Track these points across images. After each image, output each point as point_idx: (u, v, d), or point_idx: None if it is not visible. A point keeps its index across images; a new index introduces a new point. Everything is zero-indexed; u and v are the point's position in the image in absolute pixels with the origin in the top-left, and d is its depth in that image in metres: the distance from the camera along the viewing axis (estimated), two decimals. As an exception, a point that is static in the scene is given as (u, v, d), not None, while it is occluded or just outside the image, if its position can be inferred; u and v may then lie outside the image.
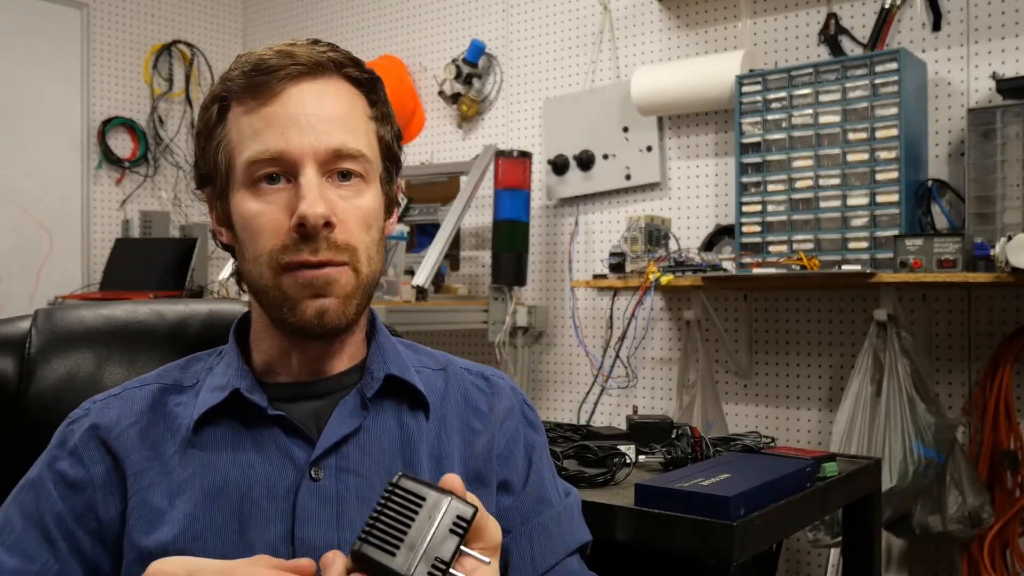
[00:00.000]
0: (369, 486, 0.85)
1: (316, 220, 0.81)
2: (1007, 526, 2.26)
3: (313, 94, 0.85)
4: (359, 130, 0.87)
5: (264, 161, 0.83)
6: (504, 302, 2.99)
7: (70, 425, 0.87)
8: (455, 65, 3.33)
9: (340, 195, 0.85)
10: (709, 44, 2.85)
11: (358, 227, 0.85)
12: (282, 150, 0.83)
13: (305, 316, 0.83)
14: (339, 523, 0.83)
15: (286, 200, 0.83)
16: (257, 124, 0.84)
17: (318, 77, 0.86)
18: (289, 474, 0.84)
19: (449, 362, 0.99)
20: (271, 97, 0.84)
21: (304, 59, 0.85)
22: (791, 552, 2.67)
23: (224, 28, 4.20)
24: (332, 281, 0.83)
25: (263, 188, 0.84)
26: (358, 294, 0.86)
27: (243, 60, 0.86)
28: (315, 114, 0.84)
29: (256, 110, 0.84)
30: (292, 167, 0.83)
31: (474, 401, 0.96)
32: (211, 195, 0.90)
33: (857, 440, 2.24)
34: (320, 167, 0.84)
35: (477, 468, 0.91)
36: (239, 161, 0.85)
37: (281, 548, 0.82)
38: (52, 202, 3.60)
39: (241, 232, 0.86)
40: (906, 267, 2.17)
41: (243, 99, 0.85)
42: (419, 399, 0.91)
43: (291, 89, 0.84)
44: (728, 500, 1.20)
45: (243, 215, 0.85)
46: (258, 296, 0.87)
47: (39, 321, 1.06)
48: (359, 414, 0.87)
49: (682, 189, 2.90)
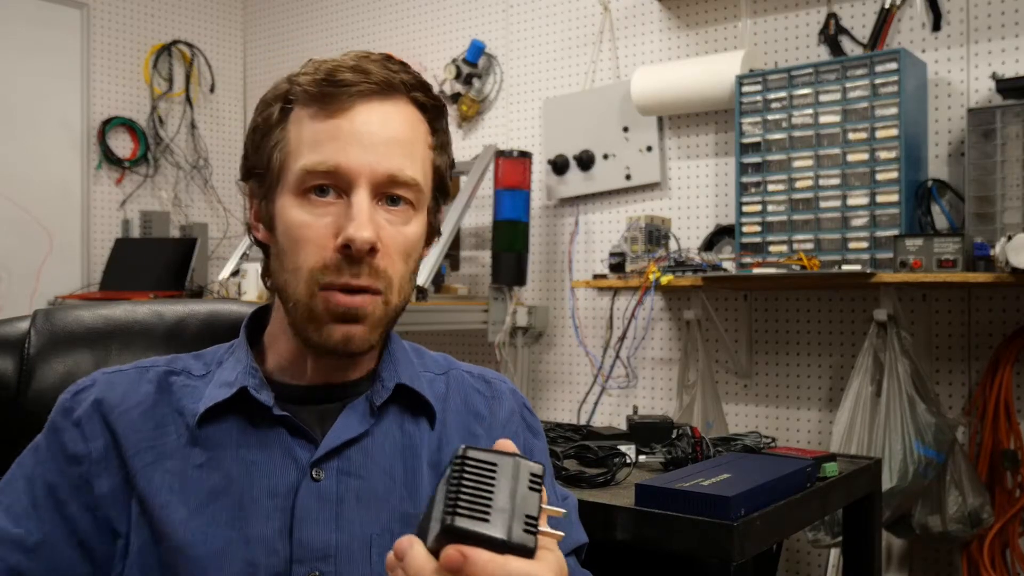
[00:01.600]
0: (370, 489, 0.86)
1: (363, 245, 0.81)
2: (1007, 526, 2.26)
3: (380, 115, 0.85)
4: (417, 157, 0.87)
5: (320, 172, 0.83)
6: (504, 302, 2.99)
7: (77, 395, 0.87)
8: (455, 65, 3.33)
9: (387, 219, 0.84)
10: (709, 44, 2.85)
11: (399, 255, 0.85)
12: (340, 164, 0.82)
13: (332, 340, 0.83)
14: (337, 523, 0.84)
15: (334, 216, 0.83)
16: (320, 134, 0.83)
17: (388, 98, 0.86)
18: (291, 473, 0.84)
19: (451, 366, 0.99)
20: (339, 110, 0.83)
21: (378, 78, 0.85)
22: (791, 552, 2.67)
23: (224, 28, 4.20)
24: (364, 314, 0.84)
25: (312, 199, 0.83)
26: (384, 322, 0.86)
27: (314, 66, 0.85)
28: (379, 135, 0.84)
29: (322, 120, 0.84)
30: (346, 184, 0.83)
31: (475, 405, 0.96)
32: (255, 190, 0.90)
33: (857, 440, 2.24)
34: (373, 189, 0.83)
35: None
36: (294, 166, 0.84)
37: (279, 545, 0.82)
38: (52, 202, 3.60)
39: (282, 237, 0.86)
40: (906, 267, 2.17)
41: (310, 105, 0.85)
42: (425, 407, 0.92)
43: (360, 106, 0.84)
44: (728, 500, 1.20)
45: (288, 223, 0.84)
46: (287, 305, 0.86)
47: (38, 321, 1.06)
48: (366, 420, 0.88)
49: (682, 189, 2.90)
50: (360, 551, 0.84)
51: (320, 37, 3.91)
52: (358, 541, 0.84)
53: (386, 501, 0.86)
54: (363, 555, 0.84)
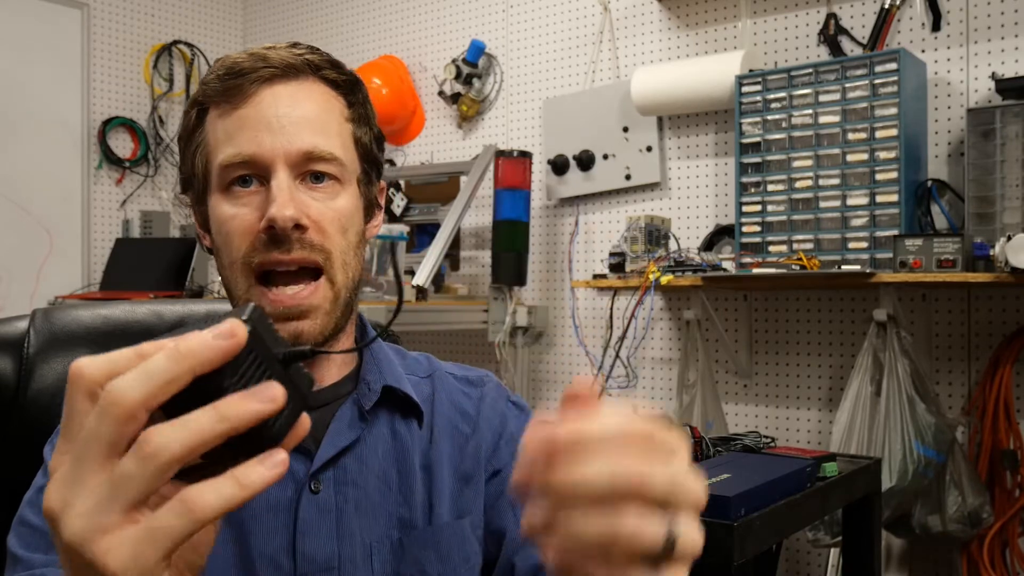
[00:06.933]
0: (366, 496, 0.85)
1: (285, 223, 0.80)
2: (1006, 526, 2.26)
3: (285, 97, 0.84)
4: (332, 132, 0.86)
5: (236, 164, 0.83)
6: (504, 302, 2.99)
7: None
8: (455, 65, 3.33)
9: (314, 197, 0.84)
10: (709, 44, 2.85)
11: (334, 229, 0.84)
12: (253, 153, 0.82)
13: None
14: (339, 533, 0.84)
15: (258, 203, 0.82)
16: (230, 128, 0.84)
17: (291, 80, 0.85)
18: (289, 487, 0.84)
19: (435, 368, 0.99)
20: (244, 100, 0.84)
21: (277, 62, 0.85)
22: (791, 552, 2.67)
23: (224, 28, 4.20)
24: (308, 307, 0.82)
25: (236, 191, 0.83)
26: (336, 309, 0.85)
27: (219, 64, 0.86)
28: (286, 116, 0.83)
29: (230, 113, 0.84)
30: (264, 170, 0.82)
31: (461, 405, 0.96)
32: (192, 198, 0.90)
33: (857, 440, 2.24)
34: (292, 169, 0.83)
35: (466, 470, 0.92)
36: (214, 164, 0.84)
37: (283, 560, 0.82)
38: (52, 202, 3.60)
39: (216, 236, 0.85)
40: (906, 267, 2.17)
41: (218, 103, 0.85)
42: (413, 408, 0.91)
43: (264, 92, 0.84)
44: (728, 500, 1.20)
45: (217, 219, 0.84)
46: (235, 304, 0.86)
47: (37, 321, 1.06)
48: (357, 426, 0.87)
49: (682, 189, 2.90)
50: (362, 559, 0.84)
51: (320, 37, 3.91)
52: (360, 549, 0.84)
53: (383, 507, 0.86)
54: (365, 563, 0.84)
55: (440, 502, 0.89)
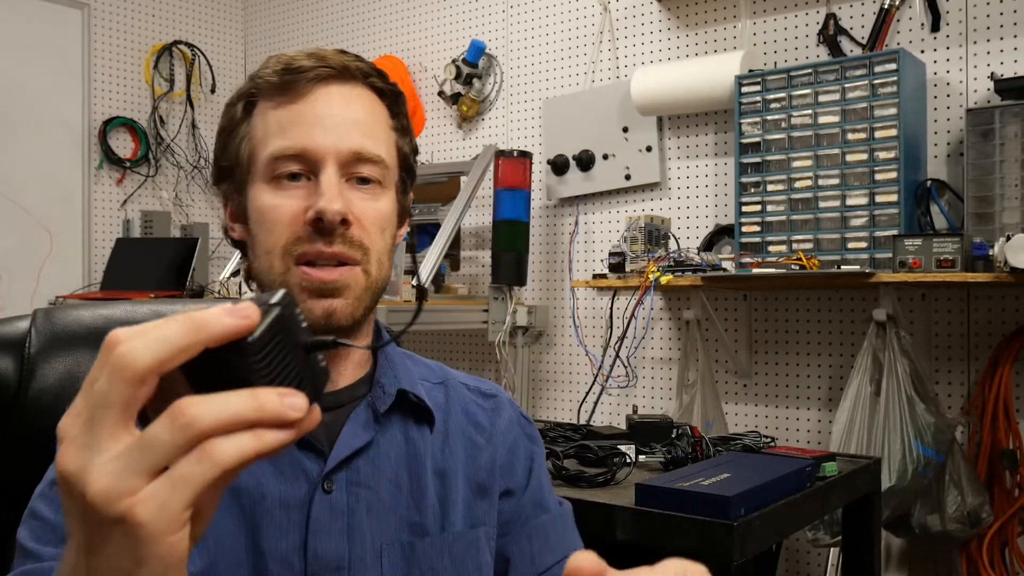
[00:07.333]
0: (378, 499, 0.86)
1: (333, 216, 0.82)
2: (1006, 526, 2.26)
3: (340, 97, 0.87)
4: (380, 137, 0.89)
5: (287, 157, 0.84)
6: (504, 302, 2.99)
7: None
8: (455, 65, 3.33)
9: (358, 196, 0.86)
10: (709, 44, 2.86)
11: (375, 228, 0.87)
12: (306, 146, 0.84)
13: (313, 316, 0.83)
14: (349, 535, 0.84)
15: (304, 195, 0.84)
16: (283, 121, 0.85)
17: (345, 82, 0.88)
18: (302, 486, 0.84)
19: (447, 376, 1.00)
20: (299, 96, 0.86)
21: (335, 63, 0.87)
22: (791, 552, 2.68)
23: (224, 28, 4.20)
24: (342, 285, 0.84)
25: (284, 184, 0.85)
26: (367, 296, 0.87)
27: (274, 60, 0.88)
28: (340, 116, 0.86)
29: (284, 106, 0.86)
30: (314, 165, 0.84)
31: (475, 416, 0.97)
32: (228, 190, 0.91)
33: (856, 440, 2.24)
34: (341, 168, 0.85)
35: (480, 481, 0.93)
36: (262, 155, 0.86)
37: (294, 559, 0.82)
38: (53, 202, 3.60)
39: (255, 225, 0.86)
40: (905, 267, 2.17)
41: (272, 96, 0.87)
42: (426, 413, 0.92)
43: (319, 90, 0.86)
44: (728, 500, 1.20)
45: (260, 208, 0.86)
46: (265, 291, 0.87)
47: (38, 321, 1.06)
48: (371, 428, 0.88)
49: (682, 189, 2.91)
50: (372, 560, 0.84)
51: (320, 37, 3.91)
52: (370, 551, 0.84)
53: (393, 511, 0.87)
54: (374, 564, 0.84)
55: (454, 510, 0.90)
